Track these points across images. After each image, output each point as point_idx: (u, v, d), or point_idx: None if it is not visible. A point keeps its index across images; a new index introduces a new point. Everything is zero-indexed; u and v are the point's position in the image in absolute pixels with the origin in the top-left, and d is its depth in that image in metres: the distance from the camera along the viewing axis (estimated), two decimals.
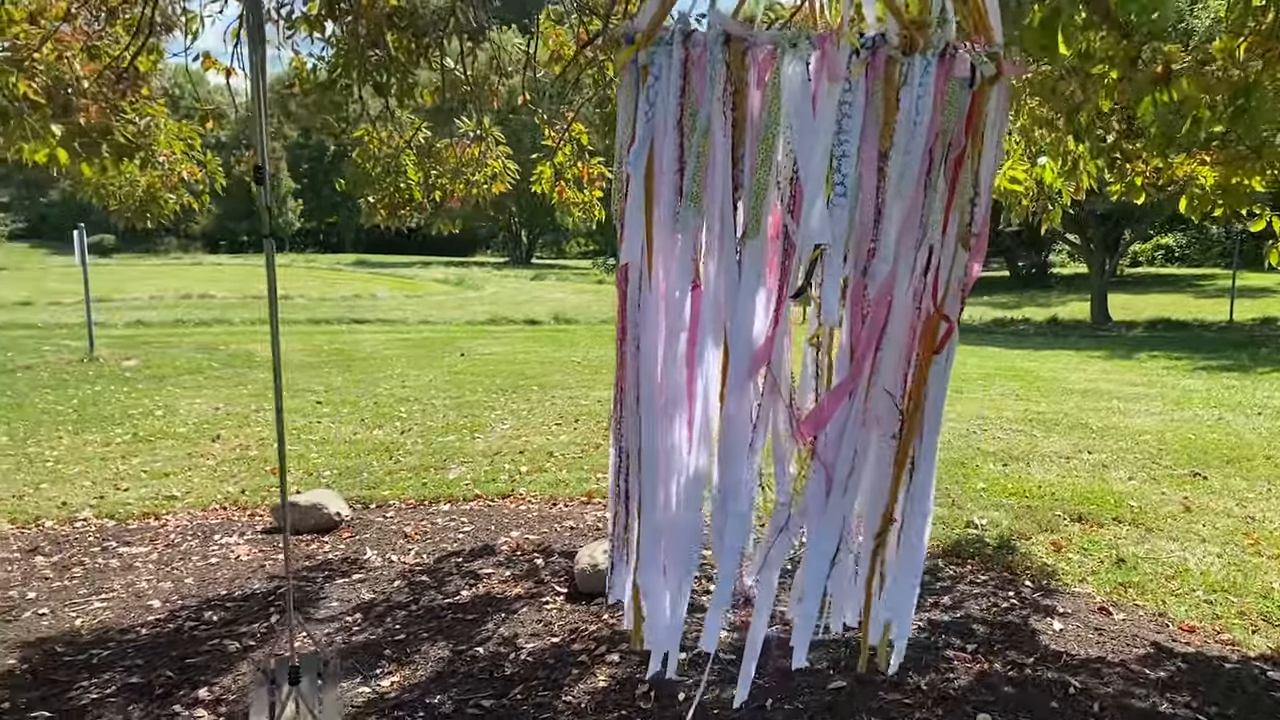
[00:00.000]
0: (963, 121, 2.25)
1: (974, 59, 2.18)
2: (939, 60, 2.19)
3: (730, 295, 2.27)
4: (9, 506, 7.20)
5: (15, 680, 4.24)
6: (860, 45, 2.18)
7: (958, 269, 2.40)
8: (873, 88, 2.21)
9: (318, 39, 5.33)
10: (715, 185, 2.26)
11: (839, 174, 2.22)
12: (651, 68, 2.27)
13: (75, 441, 9.61)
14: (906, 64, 2.20)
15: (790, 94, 2.20)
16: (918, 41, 2.20)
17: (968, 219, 2.37)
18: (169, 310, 25.26)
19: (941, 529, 6.18)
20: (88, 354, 15.58)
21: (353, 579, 5.35)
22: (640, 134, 2.29)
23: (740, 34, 2.19)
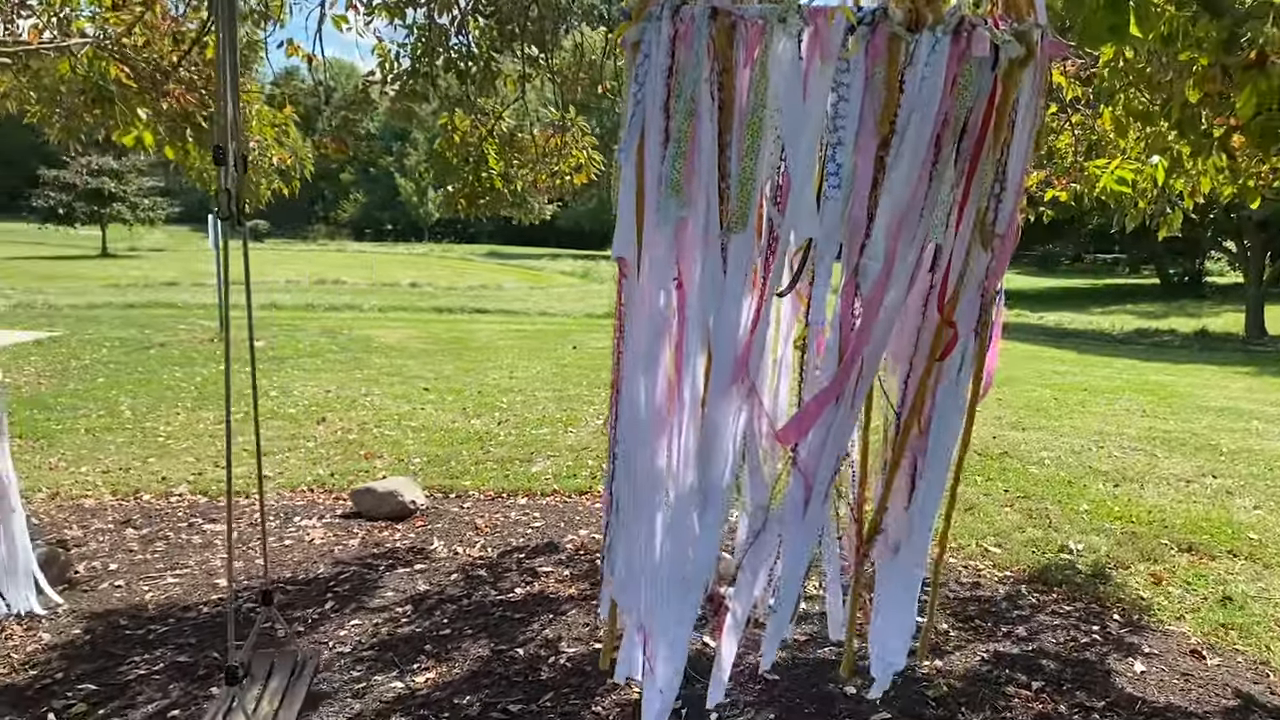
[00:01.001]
0: (982, 108, 2.00)
1: (996, 38, 1.92)
2: (951, 38, 1.94)
3: (714, 294, 2.07)
4: (114, 478, 7.49)
5: (75, 650, 4.35)
6: (858, 20, 1.95)
7: (975, 271, 2.15)
8: (873, 69, 1.97)
9: (399, 25, 5.31)
10: (700, 174, 2.07)
11: (833, 163, 1.99)
12: (641, 44, 2.09)
13: (189, 418, 9.98)
14: (912, 42, 1.96)
15: (779, 74, 1.98)
16: (926, 16, 1.95)
17: (989, 216, 2.12)
18: (302, 294, 26.22)
19: (1031, 552, 5.77)
20: (219, 334, 16.24)
21: (413, 569, 5.32)
22: (630, 118, 2.12)
23: (727, 7, 1.98)
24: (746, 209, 2.01)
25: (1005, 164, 2.09)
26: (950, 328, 2.10)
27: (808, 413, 2.14)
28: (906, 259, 2.06)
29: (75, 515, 6.55)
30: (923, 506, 2.25)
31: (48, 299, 22.46)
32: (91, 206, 44.48)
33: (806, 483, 2.19)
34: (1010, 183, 2.10)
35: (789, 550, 2.25)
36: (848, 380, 2.11)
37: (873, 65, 1.95)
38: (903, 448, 2.24)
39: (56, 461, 8.06)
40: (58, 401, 10.66)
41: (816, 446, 2.16)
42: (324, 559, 5.55)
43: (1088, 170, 4.90)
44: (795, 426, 2.14)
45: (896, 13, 1.93)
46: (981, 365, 2.24)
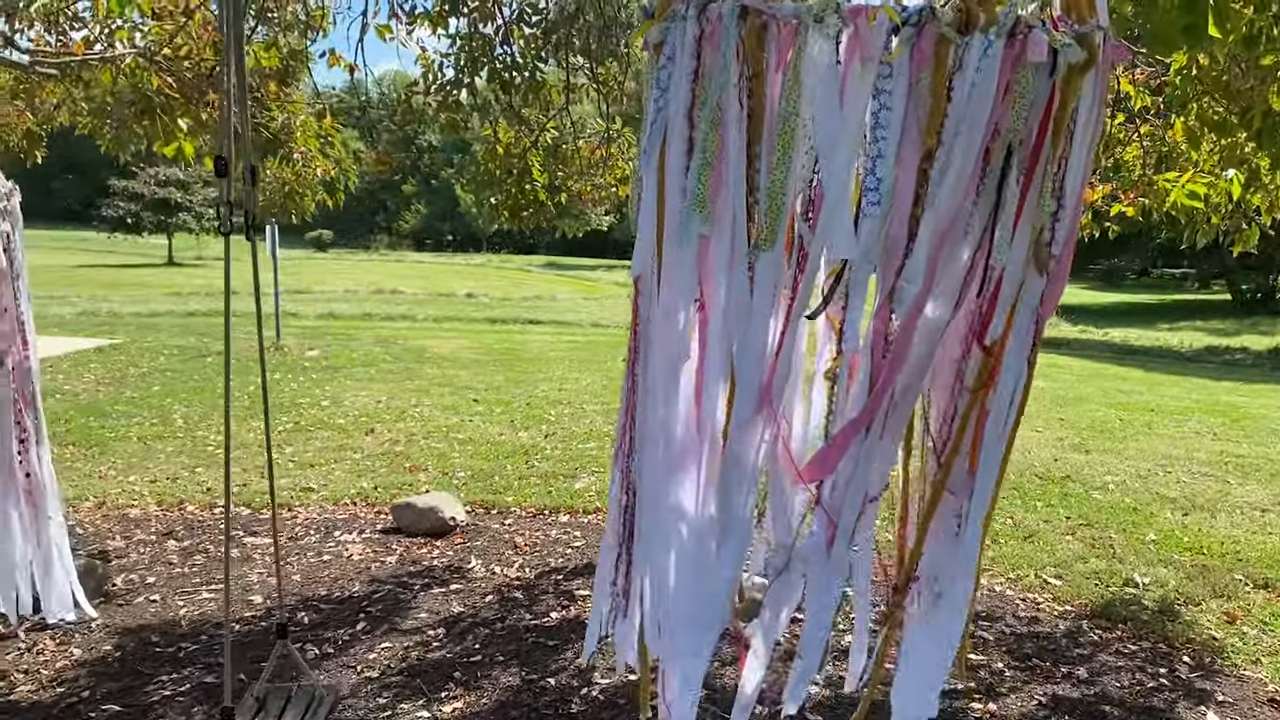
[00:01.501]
0: (1038, 117, 1.81)
1: (1054, 41, 1.73)
2: (1006, 41, 1.75)
3: (739, 317, 1.91)
4: (161, 488, 7.50)
5: (104, 668, 4.30)
6: (903, 21, 1.77)
7: (1028, 295, 1.96)
8: (918, 74, 1.79)
9: (442, 35, 5.23)
10: (727, 187, 1.90)
11: (873, 177, 1.81)
12: (664, 46, 1.93)
13: (240, 428, 10.00)
14: (962, 45, 1.77)
15: (814, 80, 1.80)
16: (978, 17, 1.76)
17: (1045, 236, 1.93)
18: (359, 304, 26.46)
19: (1094, 585, 5.49)
20: (274, 343, 16.38)
21: (449, 589, 5.21)
22: (651, 125, 1.95)
23: (758, 6, 1.81)
24: (776, 226, 1.85)
25: (1063, 180, 1.91)
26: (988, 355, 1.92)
27: (834, 447, 1.99)
28: (948, 281, 1.89)
29: (120, 525, 6.55)
30: (966, 552, 2.08)
31: (111, 306, 22.92)
32: (158, 216, 45.46)
33: (830, 521, 2.04)
34: (1068, 201, 1.92)
35: (814, 593, 2.12)
36: (878, 410, 1.94)
37: (918, 70, 1.77)
38: (943, 486, 2.07)
39: (106, 470, 8.11)
40: (113, 409, 10.77)
41: (842, 483, 2.01)
42: (360, 576, 5.46)
43: (1157, 184, 4.64)
44: (820, 463, 2.00)
45: (945, 13, 1.75)
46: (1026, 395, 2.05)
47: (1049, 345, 21.65)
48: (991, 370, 1.95)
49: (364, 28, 5.21)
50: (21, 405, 4.61)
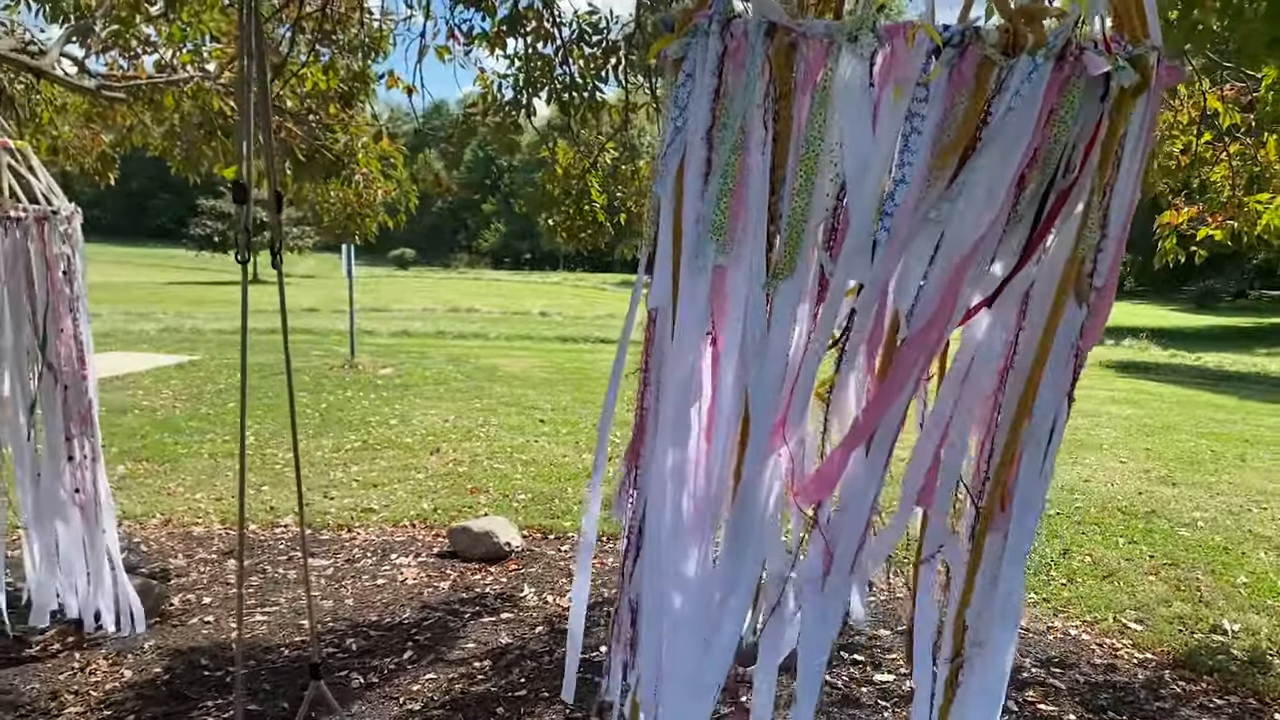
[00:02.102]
0: (1084, 143, 1.65)
1: (1108, 62, 1.57)
2: (1053, 64, 1.60)
3: (756, 351, 1.78)
4: (225, 506, 7.57)
5: (152, 691, 4.28)
6: (945, 41, 1.61)
7: (1067, 328, 1.78)
8: (956, 98, 1.64)
9: (500, 56, 5.18)
10: (748, 215, 1.77)
11: (891, 202, 1.67)
12: (684, 63, 1.80)
13: (309, 445, 10.10)
14: (1006, 68, 1.61)
15: (845, 102, 1.65)
16: (1025, 38, 1.60)
17: (1088, 267, 1.76)
18: (435, 322, 26.77)
19: (1178, 631, 5.15)
20: (349, 360, 16.61)
21: (499, 618, 5.11)
22: (668, 146, 1.83)
23: (786, 23, 1.67)
24: (795, 255, 1.70)
25: (1108, 208, 1.74)
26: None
27: (831, 464, 1.86)
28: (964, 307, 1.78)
29: (183, 544, 6.61)
30: (1007, 597, 1.89)
31: (194, 323, 23.53)
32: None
33: (827, 549, 1.89)
34: (1113, 230, 1.75)
35: (807, 628, 1.94)
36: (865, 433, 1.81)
37: (956, 94, 1.62)
38: (985, 530, 1.90)
39: (175, 487, 8.22)
40: (188, 425, 10.97)
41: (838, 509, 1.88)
42: (412, 602, 5.39)
43: (1248, 205, 4.36)
44: (816, 483, 1.87)
45: (991, 33, 1.60)
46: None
47: (1137, 370, 20.93)
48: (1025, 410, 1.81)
49: (422, 50, 5.17)
50: (76, 424, 4.67)
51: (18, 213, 4.56)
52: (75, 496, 4.62)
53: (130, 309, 27.04)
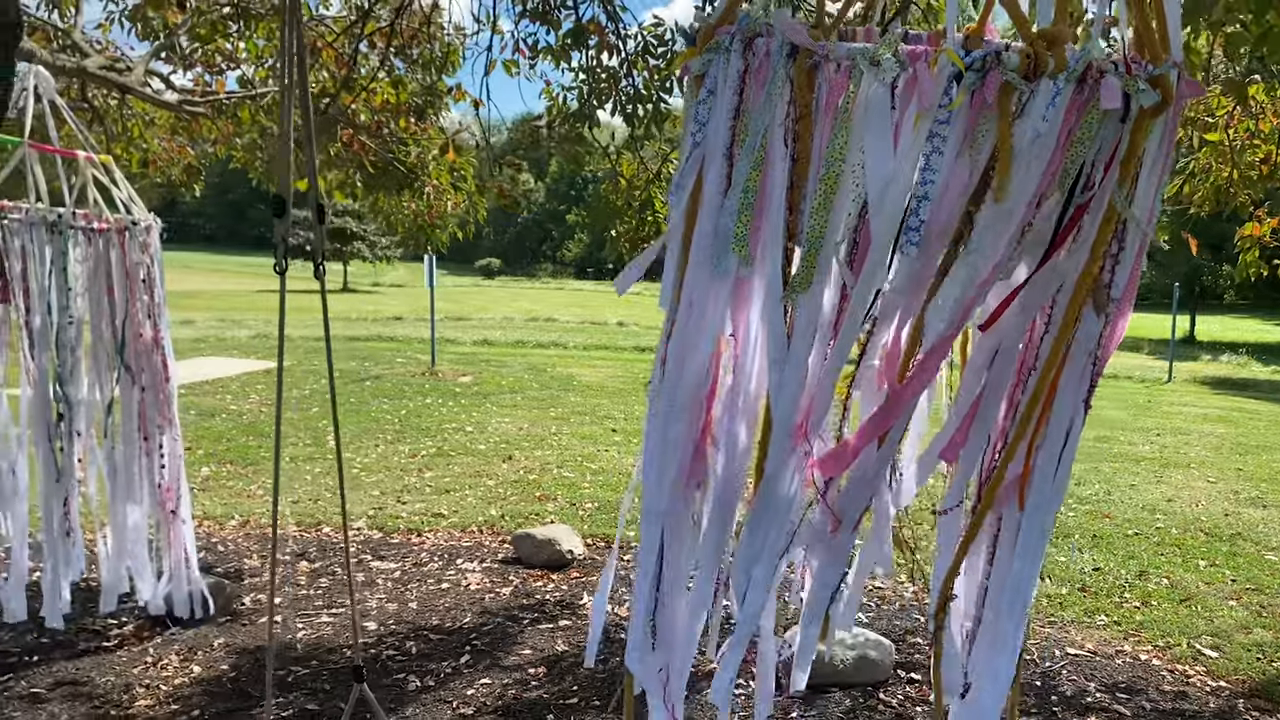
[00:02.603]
0: (1103, 161, 1.66)
1: (1128, 86, 1.58)
2: (1075, 86, 1.60)
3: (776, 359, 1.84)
4: (302, 509, 7.76)
5: (218, 687, 4.41)
6: (966, 66, 1.62)
7: (1084, 338, 1.84)
8: (976, 120, 1.65)
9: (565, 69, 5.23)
10: (768, 230, 1.81)
11: (916, 218, 1.68)
12: (706, 79, 1.83)
13: (386, 451, 10.31)
14: (1027, 92, 1.62)
15: (866, 125, 1.68)
16: (1046, 63, 1.61)
17: (1105, 278, 1.78)
18: (515, 331, 27.10)
19: (1255, 659, 4.92)
20: (429, 368, 16.91)
21: (557, 625, 5.14)
22: (687, 160, 1.88)
23: (808, 45, 1.69)
24: (812, 270, 1.74)
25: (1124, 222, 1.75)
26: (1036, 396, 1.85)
27: (849, 449, 1.98)
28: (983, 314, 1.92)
29: (259, 545, 6.79)
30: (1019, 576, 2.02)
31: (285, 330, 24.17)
32: (335, 244, 48.00)
33: (834, 516, 2.07)
34: (1129, 242, 1.77)
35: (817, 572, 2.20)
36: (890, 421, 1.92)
37: (977, 117, 1.64)
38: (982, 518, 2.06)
39: (255, 490, 8.45)
40: (271, 429, 11.27)
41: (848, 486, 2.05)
42: (473, 607, 5.46)
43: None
44: (835, 459, 1.99)
45: (1012, 58, 1.61)
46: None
47: (1234, 387, 20.14)
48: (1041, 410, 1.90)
49: (491, 64, 5.26)
50: (155, 422, 4.87)
51: (101, 223, 4.77)
52: (155, 490, 4.84)
53: (224, 315, 27.94)
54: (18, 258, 4.47)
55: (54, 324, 4.58)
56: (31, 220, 4.48)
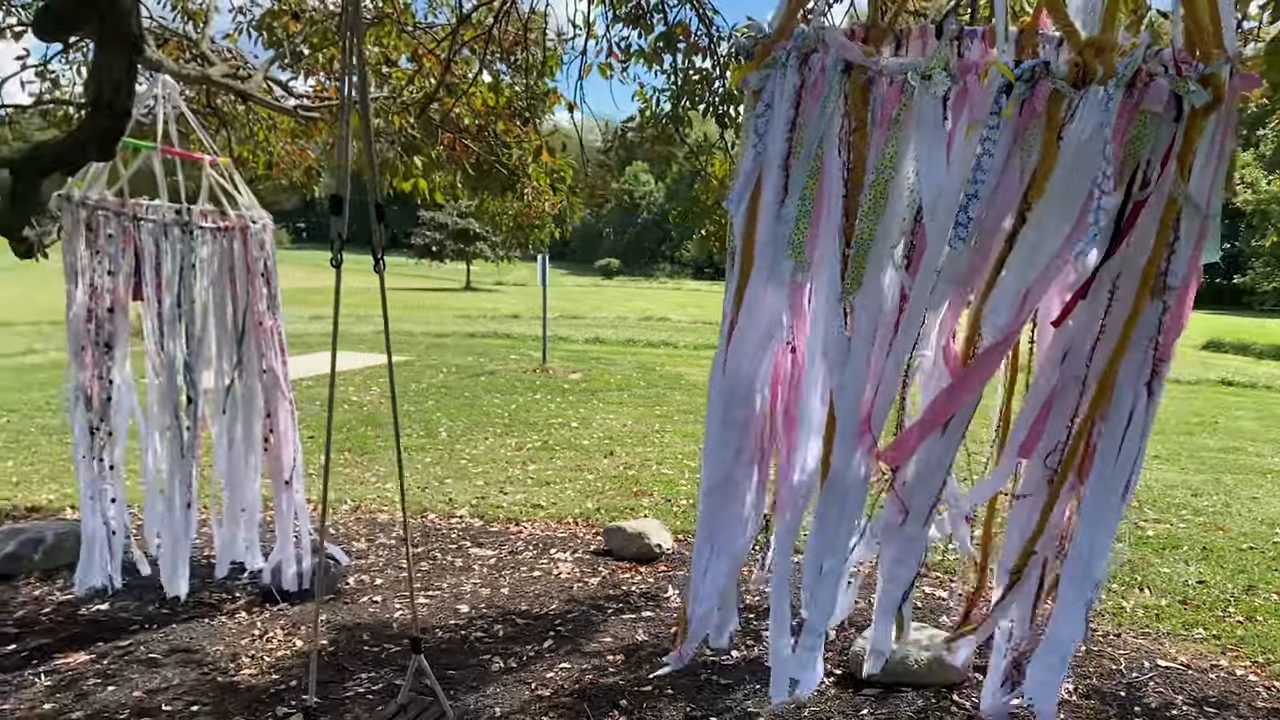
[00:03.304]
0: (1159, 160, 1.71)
1: (1179, 88, 1.63)
2: (1125, 91, 1.65)
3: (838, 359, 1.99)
4: (410, 496, 8.07)
5: (317, 661, 4.66)
6: (1016, 78, 1.69)
7: (1145, 325, 1.90)
8: (1026, 125, 1.72)
9: (658, 71, 5.34)
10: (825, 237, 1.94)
11: (964, 214, 1.77)
12: (763, 93, 1.95)
13: (494, 444, 10.62)
14: (1076, 99, 1.68)
15: (920, 138, 1.79)
16: (1095, 70, 1.66)
17: (1161, 266, 1.81)
18: (627, 330, 27.39)
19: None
20: (540, 365, 17.27)
21: (640, 616, 5.26)
22: (747, 170, 2.01)
23: (861, 61, 1.80)
24: (861, 272, 1.87)
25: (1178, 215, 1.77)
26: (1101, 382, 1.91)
27: (911, 436, 2.08)
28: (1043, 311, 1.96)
29: (367, 529, 7.10)
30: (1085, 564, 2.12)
31: (407, 327, 25.02)
32: (459, 245, 49.33)
33: (903, 507, 2.19)
34: (1185, 233, 1.79)
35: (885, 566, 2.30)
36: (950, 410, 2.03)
37: (1026, 123, 1.71)
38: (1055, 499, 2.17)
39: (369, 477, 8.83)
40: (388, 420, 11.72)
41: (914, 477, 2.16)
42: (561, 595, 5.62)
43: None
44: (899, 448, 2.10)
45: (1061, 67, 1.68)
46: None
47: None
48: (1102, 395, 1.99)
49: (587, 67, 5.41)
50: (277, 403, 5.22)
51: (226, 222, 5.11)
52: (274, 464, 5.20)
53: (352, 311, 28.96)
54: (151, 255, 4.84)
55: (182, 315, 4.94)
56: (165, 220, 4.84)
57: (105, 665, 4.56)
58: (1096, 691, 4.28)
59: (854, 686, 4.32)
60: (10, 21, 5.81)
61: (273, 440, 5.31)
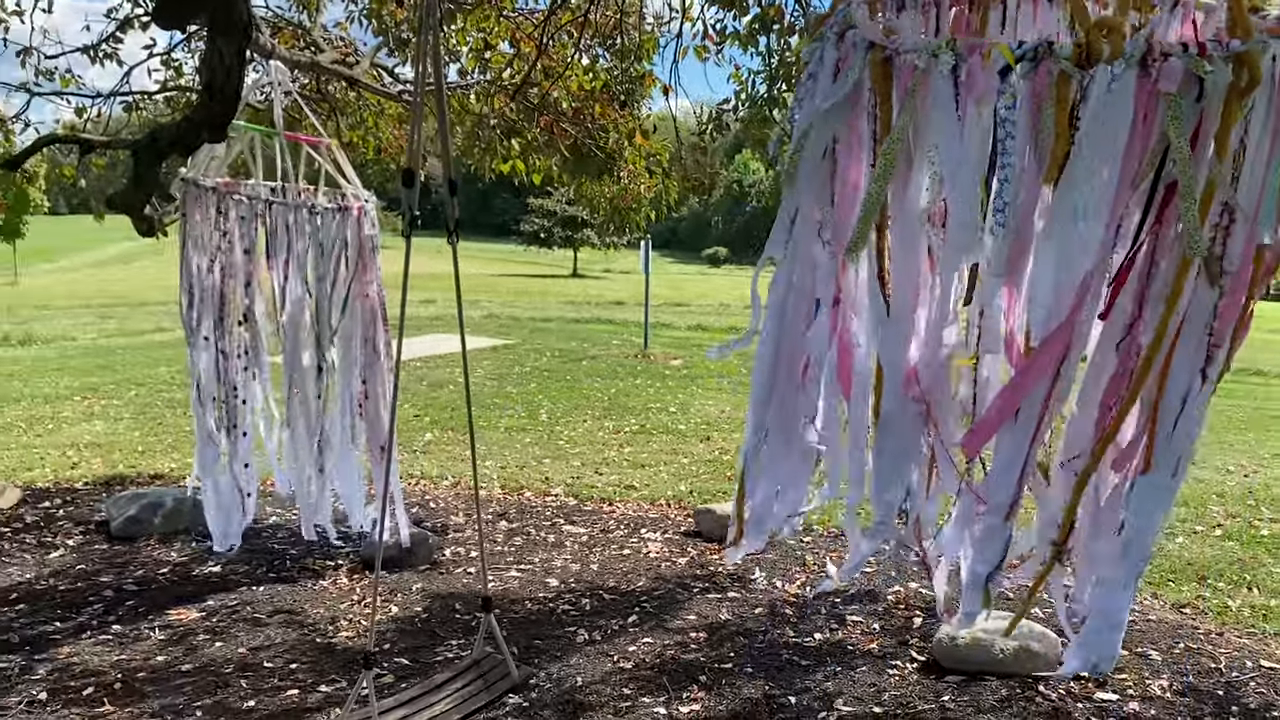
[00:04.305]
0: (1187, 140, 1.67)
1: (1197, 67, 1.60)
2: (1138, 71, 1.63)
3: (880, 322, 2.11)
4: (509, 474, 8.27)
5: (409, 625, 4.85)
6: (1017, 58, 1.70)
7: (1199, 309, 1.89)
8: (1038, 105, 1.73)
9: (753, 53, 5.34)
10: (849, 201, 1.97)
11: (1000, 199, 1.82)
12: (809, 64, 2.02)
13: (592, 426, 10.76)
14: (1085, 78, 1.68)
15: (933, 110, 1.88)
16: (1101, 50, 1.65)
17: (1217, 250, 1.76)
18: (730, 317, 27.30)
19: None
20: (641, 351, 17.39)
21: (725, 596, 5.29)
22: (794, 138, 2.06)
23: (880, 40, 1.85)
24: (865, 232, 1.88)
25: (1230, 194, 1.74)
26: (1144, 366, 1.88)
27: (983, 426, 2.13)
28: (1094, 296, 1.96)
29: (465, 504, 7.30)
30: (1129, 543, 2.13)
31: (513, 311, 25.48)
32: (566, 232, 49.86)
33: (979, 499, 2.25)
34: (1240, 215, 1.74)
35: (978, 544, 2.31)
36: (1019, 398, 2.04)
37: (1038, 102, 1.73)
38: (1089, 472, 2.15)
39: (469, 454, 9.03)
40: (492, 401, 12.00)
41: (993, 468, 2.17)
42: (648, 573, 5.69)
43: None
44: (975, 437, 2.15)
45: (1065, 46, 1.70)
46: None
47: None
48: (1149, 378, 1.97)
49: (683, 50, 5.44)
50: (378, 367, 5.41)
51: (346, 202, 5.35)
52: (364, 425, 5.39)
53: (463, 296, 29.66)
54: (282, 234, 5.11)
55: (312, 292, 5.20)
56: (294, 203, 5.10)
57: (214, 622, 4.82)
58: (1193, 689, 4.15)
59: (937, 674, 4.28)
60: (138, 12, 6.16)
61: (367, 407, 5.49)
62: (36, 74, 7.14)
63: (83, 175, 8.27)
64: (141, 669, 4.28)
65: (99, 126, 7.39)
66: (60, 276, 45.28)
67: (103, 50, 6.80)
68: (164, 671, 4.26)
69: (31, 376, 13.87)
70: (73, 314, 25.66)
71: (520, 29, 5.61)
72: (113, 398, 12.09)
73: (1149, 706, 3.97)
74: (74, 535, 6.23)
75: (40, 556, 5.79)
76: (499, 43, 5.62)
